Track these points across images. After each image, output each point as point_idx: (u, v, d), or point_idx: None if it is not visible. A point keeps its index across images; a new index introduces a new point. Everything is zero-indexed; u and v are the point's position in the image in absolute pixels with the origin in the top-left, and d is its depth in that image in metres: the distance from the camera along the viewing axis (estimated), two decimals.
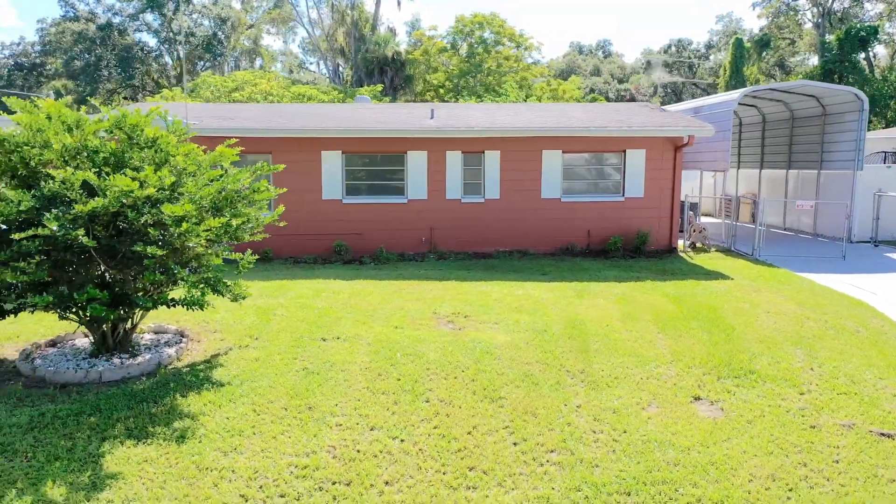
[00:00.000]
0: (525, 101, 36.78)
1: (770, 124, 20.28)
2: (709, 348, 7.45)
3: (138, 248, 5.78)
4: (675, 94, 68.71)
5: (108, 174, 6.09)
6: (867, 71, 41.27)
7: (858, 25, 42.70)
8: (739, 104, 18.50)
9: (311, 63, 69.87)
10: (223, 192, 6.77)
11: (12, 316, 6.45)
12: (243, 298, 7.03)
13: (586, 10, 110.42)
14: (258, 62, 64.79)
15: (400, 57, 50.71)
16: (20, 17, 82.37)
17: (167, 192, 6.24)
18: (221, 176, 6.86)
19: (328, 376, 6.52)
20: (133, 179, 5.72)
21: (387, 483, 4.78)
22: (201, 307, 6.58)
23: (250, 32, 62.45)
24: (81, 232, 5.59)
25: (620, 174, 14.43)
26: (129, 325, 7.17)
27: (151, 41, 58.22)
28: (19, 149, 6.04)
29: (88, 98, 52.84)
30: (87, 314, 6.19)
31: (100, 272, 6.40)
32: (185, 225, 5.95)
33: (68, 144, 5.99)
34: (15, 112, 6.22)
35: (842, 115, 16.79)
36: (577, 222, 14.38)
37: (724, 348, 7.44)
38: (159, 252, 5.74)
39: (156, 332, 7.99)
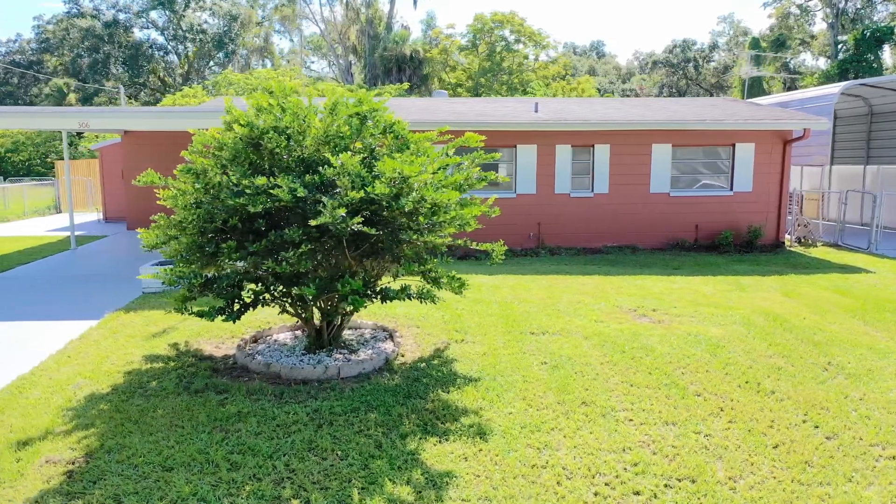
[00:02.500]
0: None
1: (843, 119, 20.21)
2: None
3: (413, 237, 5.53)
4: (679, 94, 68.87)
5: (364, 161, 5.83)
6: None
7: (874, 26, 42.92)
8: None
9: (312, 62, 69.36)
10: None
11: (250, 308, 6.18)
12: (465, 289, 6.78)
13: (579, 11, 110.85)
14: (268, 61, 64.17)
15: (418, 55, 50.47)
16: None
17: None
18: (448, 165, 6.62)
19: (575, 370, 6.29)
20: (407, 165, 5.47)
21: (731, 479, 4.56)
22: (433, 300, 6.33)
23: (259, 30, 61.89)
24: (359, 219, 5.33)
25: (729, 168, 14.27)
26: (338, 320, 6.91)
27: (159, 38, 57.54)
28: (268, 134, 5.77)
29: (96, 96, 52.16)
30: (348, 306, 5.91)
31: (346, 263, 6.14)
32: (452, 212, 5.71)
33: (328, 129, 5.73)
34: (266, 93, 5.93)
35: None
36: (685, 216, 14.19)
37: None
38: (439, 241, 5.50)
39: (350, 328, 7.73)
